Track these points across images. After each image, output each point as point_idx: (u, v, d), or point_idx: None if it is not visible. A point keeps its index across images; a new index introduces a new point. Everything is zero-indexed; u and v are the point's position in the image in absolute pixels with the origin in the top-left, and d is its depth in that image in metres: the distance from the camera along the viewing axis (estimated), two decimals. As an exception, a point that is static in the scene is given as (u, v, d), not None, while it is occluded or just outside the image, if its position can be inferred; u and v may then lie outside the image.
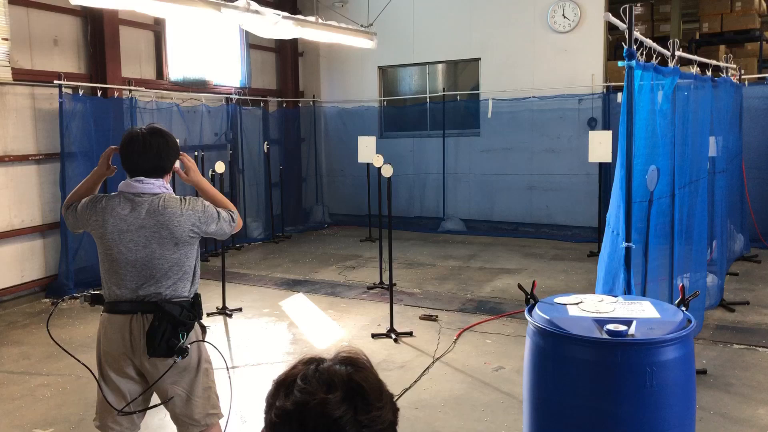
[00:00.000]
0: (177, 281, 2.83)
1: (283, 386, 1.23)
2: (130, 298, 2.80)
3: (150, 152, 2.83)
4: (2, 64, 7.09)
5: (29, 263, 7.50)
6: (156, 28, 9.33)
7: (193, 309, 2.89)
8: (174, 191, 2.96)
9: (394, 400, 1.29)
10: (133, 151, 2.84)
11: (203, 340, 2.97)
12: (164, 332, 2.74)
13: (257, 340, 5.96)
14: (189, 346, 2.79)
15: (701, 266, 5.67)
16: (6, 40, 7.13)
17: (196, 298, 2.95)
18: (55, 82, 7.49)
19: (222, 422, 3.04)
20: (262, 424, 1.25)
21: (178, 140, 3.07)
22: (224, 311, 6.65)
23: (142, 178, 2.83)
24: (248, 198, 10.90)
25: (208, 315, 6.59)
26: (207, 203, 2.94)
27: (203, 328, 3.03)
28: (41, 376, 5.13)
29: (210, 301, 7.07)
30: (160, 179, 2.87)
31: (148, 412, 3.03)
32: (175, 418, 2.96)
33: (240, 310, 6.77)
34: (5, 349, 5.83)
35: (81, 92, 7.87)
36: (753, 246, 8.60)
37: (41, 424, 4.31)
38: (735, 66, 8.22)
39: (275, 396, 1.23)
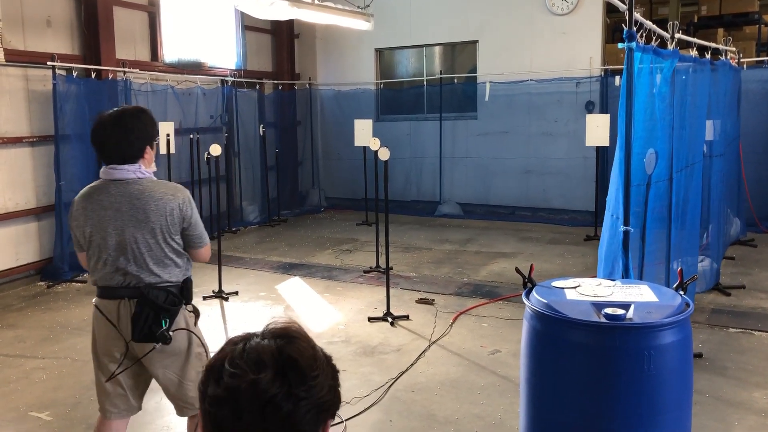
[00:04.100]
0: (159, 266, 2.82)
1: (212, 373, 1.19)
2: (117, 284, 2.81)
3: (109, 143, 2.81)
4: (-6, 44, 7.01)
5: (24, 246, 7.46)
6: (150, 9, 9.23)
7: (181, 294, 2.88)
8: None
9: (333, 364, 1.27)
10: (97, 142, 2.84)
11: (187, 328, 2.92)
12: (147, 318, 2.73)
13: (253, 324, 5.92)
14: (171, 333, 2.77)
15: (694, 250, 5.66)
16: (-2, 20, 7.04)
17: (186, 283, 2.93)
18: (48, 63, 7.41)
19: None
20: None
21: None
22: (220, 294, 6.64)
23: (115, 165, 2.82)
24: (244, 181, 10.85)
25: (204, 298, 6.58)
26: (189, 195, 2.92)
27: (196, 313, 3.02)
28: (37, 359, 5.12)
29: (206, 284, 7.06)
30: (135, 164, 2.83)
31: (144, 395, 3.04)
32: (171, 400, 3.01)
33: (236, 293, 6.75)
34: (0, 332, 5.81)
35: (75, 74, 7.79)
36: (749, 230, 8.61)
37: (37, 407, 4.30)
38: (734, 49, 8.17)
39: (206, 383, 1.19)
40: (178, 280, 2.89)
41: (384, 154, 6.20)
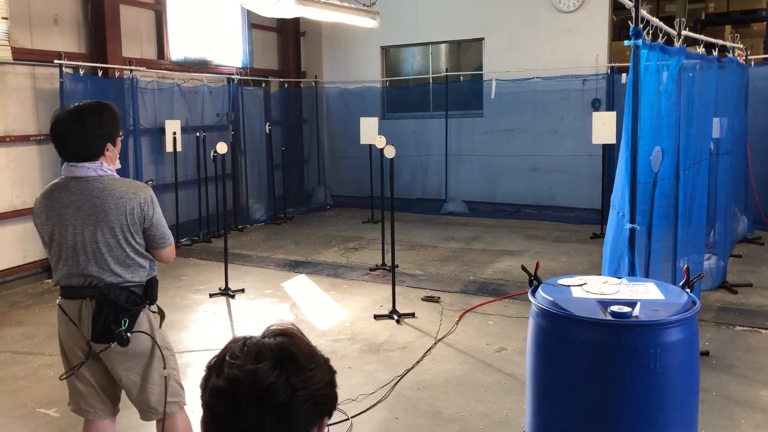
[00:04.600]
0: (121, 266, 2.75)
1: (214, 368, 1.24)
2: (78, 284, 2.76)
3: (68, 141, 2.74)
4: (2, 43, 7.02)
5: (31, 244, 7.49)
6: (157, 8, 9.26)
7: (145, 294, 2.82)
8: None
9: (330, 365, 1.31)
10: (55, 139, 2.77)
11: (150, 330, 2.86)
12: (106, 317, 2.69)
13: (260, 321, 5.96)
14: (130, 334, 2.72)
15: (700, 248, 5.65)
16: (5, 19, 7.06)
17: (151, 283, 2.85)
18: (55, 61, 7.43)
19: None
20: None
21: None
22: (227, 292, 6.65)
23: (75, 163, 2.75)
24: (250, 179, 10.87)
25: (211, 296, 6.60)
26: (151, 194, 2.83)
27: (162, 314, 2.97)
28: (44, 356, 5.14)
29: (212, 281, 7.09)
30: (95, 162, 2.75)
31: (120, 398, 3.03)
32: (134, 404, 2.95)
33: (242, 290, 6.77)
34: (8, 329, 5.84)
35: (82, 72, 7.81)
36: (756, 228, 8.57)
37: (45, 404, 4.33)
38: (741, 46, 8.13)
39: (208, 378, 1.24)
40: (142, 281, 2.82)
41: (390, 152, 6.20)
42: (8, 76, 7.22)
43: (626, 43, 3.74)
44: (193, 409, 4.01)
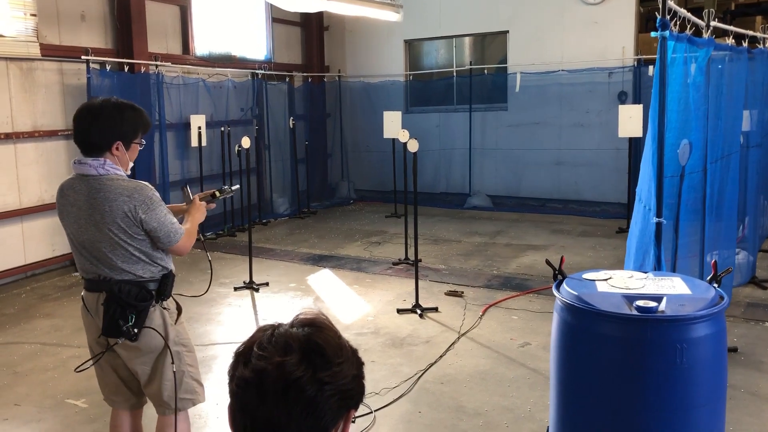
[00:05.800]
0: (128, 263, 2.72)
1: (241, 356, 1.23)
2: (94, 278, 2.77)
3: (77, 127, 2.71)
4: (30, 39, 7.15)
5: (60, 237, 7.60)
6: (182, 3, 9.33)
7: (158, 289, 2.79)
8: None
9: (359, 356, 1.29)
10: (73, 124, 2.74)
11: (159, 327, 2.82)
12: (114, 313, 2.68)
13: (284, 315, 5.98)
14: (137, 330, 2.70)
15: (731, 243, 5.56)
16: (33, 15, 7.18)
17: (165, 278, 2.81)
18: (82, 57, 7.54)
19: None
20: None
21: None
22: (251, 285, 6.70)
23: (80, 158, 2.72)
24: (274, 173, 10.93)
25: (236, 289, 6.66)
26: (154, 193, 2.73)
27: (179, 310, 2.95)
28: (72, 348, 5.22)
29: (237, 275, 7.14)
30: (99, 159, 2.69)
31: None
32: (150, 398, 2.97)
33: (267, 284, 6.81)
34: (38, 321, 5.95)
35: (108, 68, 7.91)
36: (787, 222, 8.40)
37: (73, 395, 4.39)
38: (773, 37, 7.95)
39: (235, 366, 1.23)
40: (155, 276, 2.78)
41: (413, 146, 6.19)
42: (37, 72, 7.33)
43: (653, 34, 3.68)
44: (219, 401, 4.06)
